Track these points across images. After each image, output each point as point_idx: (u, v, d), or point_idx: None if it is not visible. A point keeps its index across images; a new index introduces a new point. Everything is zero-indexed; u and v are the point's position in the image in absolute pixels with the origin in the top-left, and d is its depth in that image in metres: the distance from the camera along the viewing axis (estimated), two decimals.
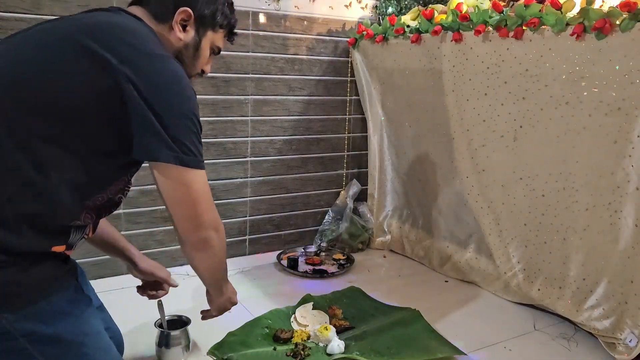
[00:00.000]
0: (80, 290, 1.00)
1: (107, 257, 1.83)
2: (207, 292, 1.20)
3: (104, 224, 1.21)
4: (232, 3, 1.16)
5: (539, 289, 1.67)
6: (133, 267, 1.28)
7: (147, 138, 0.88)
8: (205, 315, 1.26)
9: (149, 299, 1.33)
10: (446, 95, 1.82)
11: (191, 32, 1.05)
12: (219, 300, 1.20)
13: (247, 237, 2.14)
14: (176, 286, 1.35)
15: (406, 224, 2.22)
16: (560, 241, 1.57)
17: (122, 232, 1.87)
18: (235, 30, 1.18)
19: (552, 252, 1.61)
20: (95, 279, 1.82)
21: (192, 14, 1.03)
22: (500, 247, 1.77)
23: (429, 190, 2.08)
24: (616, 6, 1.33)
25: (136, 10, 1.02)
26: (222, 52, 1.91)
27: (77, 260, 1.86)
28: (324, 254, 2.17)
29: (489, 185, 1.75)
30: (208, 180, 0.95)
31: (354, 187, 2.23)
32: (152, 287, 1.33)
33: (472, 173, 1.79)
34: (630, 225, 1.38)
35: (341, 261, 2.09)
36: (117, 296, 1.64)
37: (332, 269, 2.03)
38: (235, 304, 1.24)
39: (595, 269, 1.50)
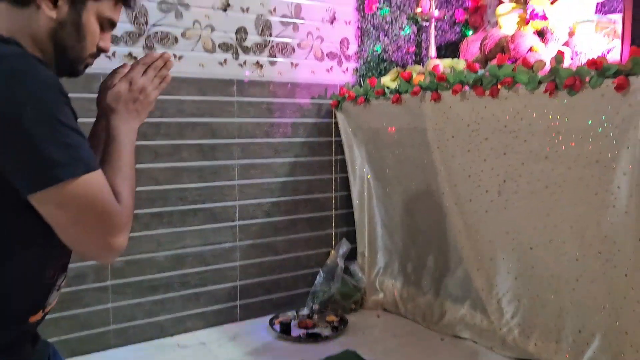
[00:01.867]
0: None
1: (93, 331, 1.80)
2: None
3: None
4: None
5: (535, 344, 1.64)
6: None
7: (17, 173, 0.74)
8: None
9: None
10: (432, 152, 1.85)
11: (64, 7, 0.85)
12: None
13: (237, 302, 2.10)
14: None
15: (398, 281, 2.19)
16: (553, 293, 1.56)
17: (109, 304, 1.84)
18: None
19: (545, 305, 1.60)
20: (80, 355, 1.75)
21: None
22: (493, 302, 1.75)
23: (420, 247, 2.07)
24: (584, 64, 1.39)
25: None
26: (208, 119, 2.00)
27: (60, 338, 1.78)
28: (316, 316, 2.12)
29: (479, 240, 1.75)
30: (196, 245, 0.82)
31: (344, 247, 2.22)
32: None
33: (463, 228, 1.80)
34: (620, 275, 1.38)
35: (334, 323, 2.05)
36: None
37: (325, 332, 1.98)
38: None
39: (590, 321, 1.48)
